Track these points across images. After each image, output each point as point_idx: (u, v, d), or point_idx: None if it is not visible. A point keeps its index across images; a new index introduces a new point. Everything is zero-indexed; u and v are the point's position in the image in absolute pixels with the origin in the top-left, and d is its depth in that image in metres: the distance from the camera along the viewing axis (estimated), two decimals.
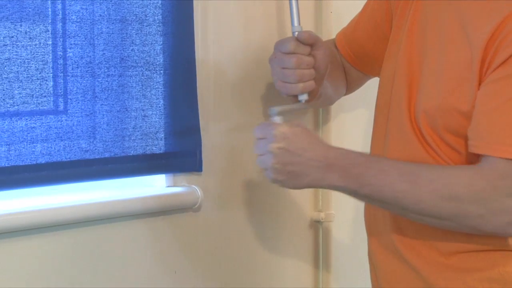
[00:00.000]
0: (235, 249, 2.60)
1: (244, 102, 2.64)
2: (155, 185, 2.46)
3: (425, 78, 2.16)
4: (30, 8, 2.11)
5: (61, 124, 2.19)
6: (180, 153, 2.43)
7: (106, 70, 2.25)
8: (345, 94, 2.57)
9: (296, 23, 2.39)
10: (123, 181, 2.45)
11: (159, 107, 2.38)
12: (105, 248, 2.32)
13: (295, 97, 2.35)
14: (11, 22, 2.08)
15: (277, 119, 2.25)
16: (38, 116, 2.14)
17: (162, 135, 2.38)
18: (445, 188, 2.01)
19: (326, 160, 2.09)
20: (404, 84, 2.19)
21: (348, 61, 2.51)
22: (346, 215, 2.82)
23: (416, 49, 2.21)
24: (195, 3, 2.44)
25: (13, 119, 2.10)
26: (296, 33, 2.35)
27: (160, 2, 2.36)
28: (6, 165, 2.08)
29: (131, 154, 2.31)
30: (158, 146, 2.38)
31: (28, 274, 2.21)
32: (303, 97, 2.33)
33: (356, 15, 2.52)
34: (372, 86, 2.54)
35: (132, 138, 2.32)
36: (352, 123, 2.82)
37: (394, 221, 2.20)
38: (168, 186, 2.44)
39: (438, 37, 2.16)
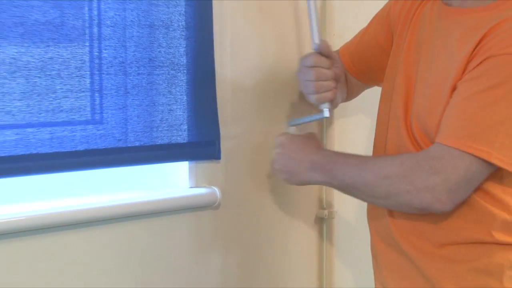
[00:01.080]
0: (249, 241, 2.58)
1: (260, 105, 2.60)
2: (179, 187, 2.44)
3: (417, 90, 2.14)
4: (70, 13, 2.08)
5: (97, 116, 2.19)
6: (201, 143, 2.41)
7: (136, 69, 2.25)
8: (345, 101, 2.54)
9: (316, 40, 2.36)
10: (151, 183, 2.46)
11: (183, 102, 2.36)
12: (141, 240, 2.32)
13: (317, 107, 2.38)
14: (53, 26, 2.06)
15: (291, 129, 2.40)
16: (77, 109, 2.12)
17: (186, 127, 2.37)
18: (382, 169, 2.05)
19: (311, 162, 2.18)
20: (401, 96, 2.18)
21: (349, 73, 2.47)
22: (347, 213, 2.79)
23: (412, 65, 2.19)
24: (214, 10, 2.40)
25: (55, 111, 2.07)
26: (316, 46, 2.33)
27: (183, 9, 2.34)
28: (49, 152, 2.06)
29: (158, 143, 2.30)
30: (182, 136, 2.36)
31: (75, 268, 2.18)
32: (325, 107, 2.33)
33: (359, 32, 2.50)
34: (370, 95, 2.53)
35: (159, 129, 2.31)
36: (353, 128, 2.79)
37: (391, 215, 2.17)
38: (191, 187, 2.41)
39: (429, 53, 2.14)
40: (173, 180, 2.46)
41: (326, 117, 2.38)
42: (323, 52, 2.31)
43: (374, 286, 2.29)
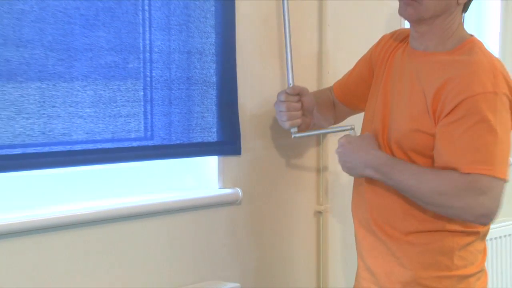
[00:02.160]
0: (263, 229, 2.62)
1: (270, 123, 2.62)
2: (211, 188, 2.46)
3: (392, 114, 2.21)
4: (127, 42, 2.16)
5: (148, 120, 2.24)
6: (226, 141, 2.43)
7: (177, 85, 2.29)
8: (334, 123, 2.58)
9: (290, 81, 2.47)
10: (189, 185, 2.49)
11: (213, 111, 2.40)
12: (185, 228, 2.37)
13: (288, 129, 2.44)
14: (115, 51, 2.13)
15: (351, 132, 2.36)
16: (132, 115, 2.19)
17: (214, 130, 2.40)
18: (438, 186, 2.04)
19: (365, 161, 2.17)
20: (380, 118, 2.24)
21: (340, 101, 2.52)
22: (337, 208, 2.81)
23: (388, 95, 2.24)
24: (237, 42, 2.43)
25: (115, 116, 2.15)
26: (290, 85, 2.44)
27: (214, 40, 2.37)
28: (111, 147, 2.15)
29: (193, 142, 2.34)
30: (212, 136, 2.39)
31: (136, 251, 2.24)
32: (294, 130, 2.42)
33: (347, 72, 2.55)
34: (355, 118, 2.56)
35: (195, 131, 2.34)
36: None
37: (370, 210, 2.24)
38: (220, 188, 2.45)
39: (402, 86, 2.20)
40: (205, 183, 2.49)
41: (295, 135, 2.44)
42: (290, 92, 2.41)
43: (357, 262, 2.37)
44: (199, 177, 2.51)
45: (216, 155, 2.45)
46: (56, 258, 2.06)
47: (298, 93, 2.41)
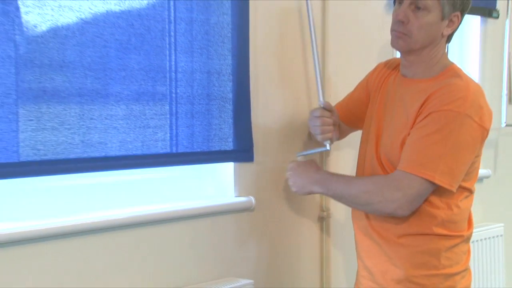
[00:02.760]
0: (273, 232, 2.62)
1: (280, 139, 2.63)
2: (228, 196, 2.47)
3: (384, 133, 2.24)
4: (156, 63, 2.18)
5: (173, 131, 2.24)
6: (240, 150, 2.43)
7: (198, 101, 2.31)
8: (338, 140, 2.59)
9: (321, 99, 2.46)
10: (209, 194, 2.49)
11: (229, 123, 2.40)
12: (204, 231, 2.39)
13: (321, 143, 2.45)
14: (144, 71, 2.16)
15: (299, 158, 2.45)
16: (159, 127, 2.21)
17: (231, 139, 2.40)
18: (362, 186, 2.15)
19: (312, 179, 2.26)
20: (374, 137, 2.28)
21: (342, 121, 2.52)
22: (338, 214, 2.81)
23: (381, 117, 2.28)
24: (250, 65, 2.43)
25: (145, 127, 2.16)
26: (322, 103, 2.42)
27: (230, 62, 2.37)
28: (141, 154, 2.16)
29: (212, 150, 2.34)
30: (228, 145, 2.39)
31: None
32: (327, 143, 2.42)
33: (347, 95, 2.58)
34: (353, 138, 2.60)
35: (213, 140, 2.35)
36: (343, 157, 2.81)
37: (367, 217, 2.26)
38: (236, 196, 2.46)
39: (391, 109, 2.25)
40: (223, 192, 2.49)
41: (328, 150, 2.47)
42: (326, 107, 2.40)
43: (356, 262, 2.38)
44: (218, 187, 2.52)
45: (232, 161, 2.44)
46: (97, 258, 2.09)
47: (330, 110, 2.42)
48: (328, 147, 2.42)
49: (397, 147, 2.14)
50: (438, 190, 2.09)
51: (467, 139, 2.07)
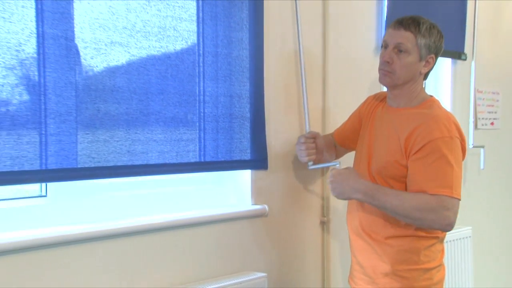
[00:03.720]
0: (283, 234, 2.60)
1: (289, 155, 2.61)
2: (246, 204, 2.46)
3: (374, 154, 2.24)
4: (188, 88, 2.19)
5: (201, 144, 2.24)
6: (257, 159, 2.42)
7: (223, 119, 2.30)
8: (336, 159, 2.54)
9: (307, 127, 2.52)
10: (231, 202, 2.49)
11: (248, 138, 2.39)
12: (226, 233, 2.39)
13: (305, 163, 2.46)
14: (178, 95, 2.16)
15: (337, 165, 2.33)
16: (190, 140, 2.21)
17: (249, 151, 2.39)
18: (414, 203, 2.06)
19: (354, 187, 2.15)
20: (366, 156, 2.27)
21: (338, 143, 2.53)
22: (337, 219, 2.79)
23: (372, 140, 2.28)
24: (266, 90, 2.44)
25: (179, 141, 2.16)
26: (307, 132, 2.48)
27: (248, 88, 2.37)
28: (175, 162, 2.16)
29: (234, 159, 2.34)
30: (246, 155, 2.38)
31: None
32: (310, 163, 2.44)
33: (343, 122, 2.56)
34: (348, 157, 2.56)
35: (234, 152, 2.34)
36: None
37: (359, 221, 2.26)
38: (253, 204, 2.45)
39: (382, 133, 2.24)
40: (242, 201, 2.48)
41: (311, 167, 2.46)
42: (309, 135, 2.45)
43: (350, 259, 2.38)
44: (237, 197, 2.51)
45: (249, 169, 2.42)
46: (141, 256, 2.11)
47: (313, 137, 2.44)
48: (311, 167, 2.44)
49: (390, 164, 2.16)
50: None
51: (459, 156, 2.11)
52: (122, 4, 2.00)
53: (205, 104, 2.26)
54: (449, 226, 2.07)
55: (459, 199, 2.06)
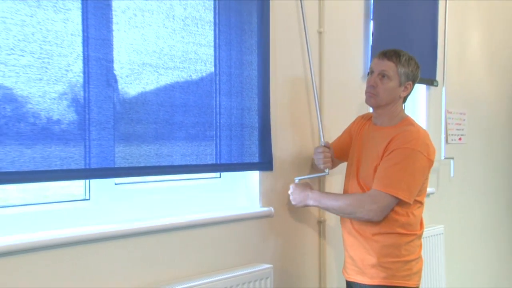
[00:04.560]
0: (286, 232, 2.57)
1: (292, 163, 2.58)
2: (255, 207, 2.44)
3: (361, 165, 2.25)
4: (206, 102, 2.18)
5: (217, 148, 2.23)
6: (264, 162, 2.40)
7: (235, 128, 2.30)
8: (331, 169, 2.53)
9: (322, 140, 2.49)
10: (242, 204, 2.47)
11: (256, 144, 2.37)
12: (237, 231, 2.36)
13: (322, 170, 2.45)
14: (198, 108, 2.15)
15: (296, 180, 2.41)
16: (208, 145, 2.20)
17: (257, 155, 2.37)
18: (347, 200, 2.17)
19: (308, 197, 2.27)
20: (355, 170, 2.28)
21: (334, 156, 2.50)
22: (331, 219, 2.77)
23: (360, 153, 2.29)
24: (271, 102, 2.42)
25: (199, 145, 2.16)
26: (323, 143, 2.44)
27: (257, 102, 2.35)
28: (196, 163, 2.15)
29: (244, 162, 2.33)
30: (255, 158, 2.37)
31: (200, 246, 2.20)
32: (327, 170, 2.44)
33: (337, 138, 2.56)
34: (341, 168, 2.59)
35: (245, 155, 2.33)
36: (335, 181, 2.74)
37: (350, 221, 2.26)
38: (261, 207, 2.44)
39: (367, 148, 2.26)
40: (252, 204, 2.46)
41: (327, 174, 2.46)
42: (326, 145, 2.43)
43: (343, 253, 2.38)
44: (249, 200, 2.49)
45: (257, 170, 2.41)
46: (165, 251, 2.09)
47: (328, 147, 2.45)
48: (327, 172, 2.45)
49: (371, 173, 2.18)
50: (400, 202, 2.13)
51: (419, 167, 2.12)
52: (152, 32, 2.03)
53: (220, 115, 2.26)
54: (375, 217, 2.11)
55: (402, 199, 2.09)
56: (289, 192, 2.35)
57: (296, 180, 2.43)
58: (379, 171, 2.13)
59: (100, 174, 1.89)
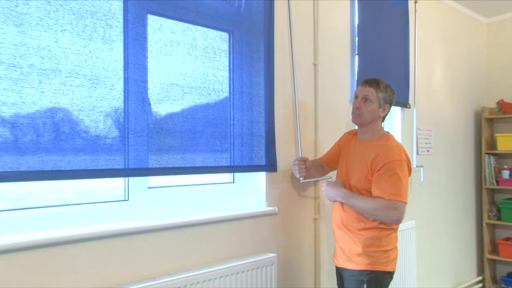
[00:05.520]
0: (287, 227, 2.51)
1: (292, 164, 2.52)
2: (262, 206, 2.40)
3: (350, 172, 2.21)
4: (222, 115, 2.17)
5: (232, 153, 2.21)
6: (269, 165, 2.36)
7: (246, 137, 2.27)
8: (322, 176, 2.51)
9: (300, 154, 2.48)
10: (252, 205, 2.43)
11: (263, 150, 2.34)
12: (248, 226, 2.32)
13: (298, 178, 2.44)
14: (216, 119, 2.15)
15: (330, 179, 2.30)
16: (224, 151, 2.18)
17: (264, 159, 2.34)
18: (372, 204, 2.07)
19: (338, 194, 2.18)
20: (344, 174, 2.25)
21: (325, 165, 2.48)
22: (324, 216, 2.71)
23: (348, 162, 2.25)
24: (275, 117, 2.40)
25: (216, 150, 2.14)
26: (300, 155, 2.45)
27: (263, 115, 2.32)
28: (214, 165, 2.14)
29: (254, 164, 2.30)
30: (262, 162, 2.33)
31: (211, 243, 2.16)
32: (302, 179, 2.42)
33: (328, 150, 2.50)
34: (332, 173, 2.56)
35: (254, 159, 2.30)
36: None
37: (340, 218, 2.23)
38: (267, 207, 2.40)
39: (355, 158, 2.22)
40: (260, 204, 2.42)
41: (330, 178, 2.40)
42: (301, 159, 2.42)
43: (334, 244, 2.33)
44: (257, 201, 2.45)
45: (264, 171, 2.38)
46: (190, 243, 2.07)
47: (303, 160, 2.44)
48: (302, 180, 2.43)
49: (362, 179, 2.15)
50: None
51: (406, 173, 2.11)
52: (179, 59, 2.05)
53: (234, 126, 2.25)
54: (398, 221, 2.08)
55: (406, 202, 2.07)
56: (324, 187, 2.27)
57: (329, 178, 2.38)
58: (381, 183, 2.07)
59: (137, 173, 1.89)
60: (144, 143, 1.90)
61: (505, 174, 4.19)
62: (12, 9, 1.55)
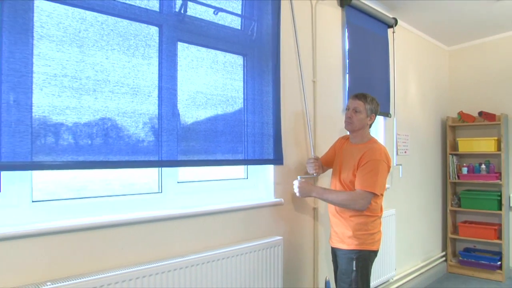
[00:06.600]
0: (292, 214, 2.44)
1: (297, 162, 2.46)
2: (270, 198, 2.34)
3: (342, 171, 2.18)
4: (238, 117, 2.12)
5: (245, 149, 2.15)
6: (276, 159, 2.28)
7: (257, 136, 2.21)
8: (322, 173, 2.44)
9: (312, 152, 2.47)
10: (262, 196, 2.34)
11: (272, 147, 2.26)
12: (256, 214, 2.27)
13: (312, 174, 2.39)
14: (233, 121, 2.10)
15: (298, 178, 2.25)
16: (239, 147, 2.12)
17: (272, 153, 2.25)
18: (343, 196, 2.06)
19: (311, 190, 2.16)
20: (338, 172, 2.22)
21: (324, 164, 2.40)
22: (322, 208, 2.64)
23: (341, 162, 2.21)
24: (282, 118, 2.35)
25: (233, 147, 2.09)
26: (313, 155, 2.43)
27: (271, 117, 2.25)
28: (231, 159, 2.08)
29: (264, 158, 2.23)
30: (271, 156, 2.25)
31: (221, 229, 2.08)
32: (315, 174, 2.38)
33: (325, 152, 2.44)
34: (328, 172, 2.54)
35: (264, 154, 2.23)
36: (325, 180, 2.57)
37: (334, 207, 2.20)
38: (275, 198, 2.35)
39: (346, 159, 2.19)
40: (268, 195, 2.35)
41: (317, 176, 2.43)
42: (315, 157, 2.41)
43: (330, 229, 2.31)
44: (266, 193, 2.38)
45: (272, 164, 2.31)
46: (213, 227, 2.04)
47: (317, 159, 2.41)
48: (315, 175, 2.40)
49: (350, 175, 2.14)
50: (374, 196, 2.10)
51: (383, 171, 2.08)
52: (203, 71, 2.03)
53: (247, 127, 2.22)
54: (362, 208, 2.06)
55: (377, 194, 2.04)
56: (295, 186, 2.21)
57: (299, 178, 2.32)
58: (360, 176, 2.07)
59: (168, 164, 1.87)
60: (174, 140, 1.89)
61: (464, 170, 4.33)
62: (76, 34, 1.62)
